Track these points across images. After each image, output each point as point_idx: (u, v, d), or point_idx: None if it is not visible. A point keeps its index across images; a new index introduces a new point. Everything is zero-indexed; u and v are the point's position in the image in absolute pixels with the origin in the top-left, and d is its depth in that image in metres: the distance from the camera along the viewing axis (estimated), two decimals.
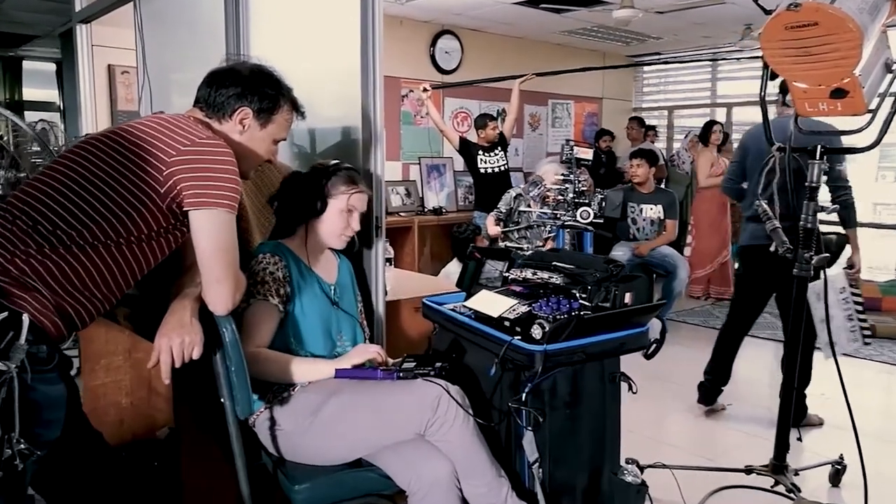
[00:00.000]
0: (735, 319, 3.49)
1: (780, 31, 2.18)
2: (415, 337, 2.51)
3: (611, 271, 1.87)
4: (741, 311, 3.47)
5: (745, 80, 7.50)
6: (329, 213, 1.92)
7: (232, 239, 1.53)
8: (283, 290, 1.87)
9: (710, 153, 6.22)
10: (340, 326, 2.00)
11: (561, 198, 3.91)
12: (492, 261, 2.23)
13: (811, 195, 2.33)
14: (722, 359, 3.51)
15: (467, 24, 6.42)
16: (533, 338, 1.76)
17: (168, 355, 1.49)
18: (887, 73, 2.26)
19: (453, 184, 6.65)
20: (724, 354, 3.50)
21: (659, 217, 5.34)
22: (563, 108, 7.70)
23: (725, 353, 3.50)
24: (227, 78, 1.62)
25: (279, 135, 1.71)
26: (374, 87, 2.19)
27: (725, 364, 3.51)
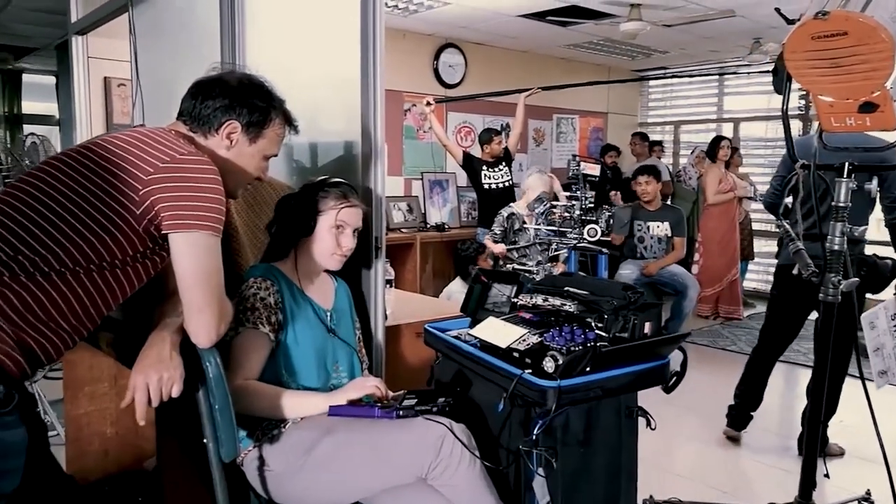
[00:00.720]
0: (767, 341, 3.34)
1: (806, 42, 2.05)
2: (416, 365, 2.36)
3: (629, 298, 1.72)
4: (774, 332, 3.32)
5: (752, 96, 7.39)
6: (319, 232, 1.79)
7: (216, 264, 1.39)
8: (275, 318, 1.73)
9: (718, 169, 6.09)
10: (336, 356, 1.86)
11: (567, 215, 3.79)
12: (499, 284, 2.09)
13: (838, 215, 2.19)
14: (753, 382, 3.37)
15: (471, 37, 6.32)
16: (545, 371, 1.61)
17: (144, 394, 1.35)
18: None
19: (456, 199, 6.53)
20: (755, 378, 3.36)
21: (667, 234, 5.21)
22: (567, 122, 7.59)
23: (756, 377, 3.36)
24: (214, 89, 1.49)
25: (270, 150, 1.58)
26: (375, 100, 2.07)
27: (756, 388, 3.38)
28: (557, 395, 1.55)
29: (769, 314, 3.42)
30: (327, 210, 1.78)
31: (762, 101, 7.27)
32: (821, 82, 2.11)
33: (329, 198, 1.79)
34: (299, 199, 1.82)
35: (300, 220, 1.78)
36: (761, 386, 3.39)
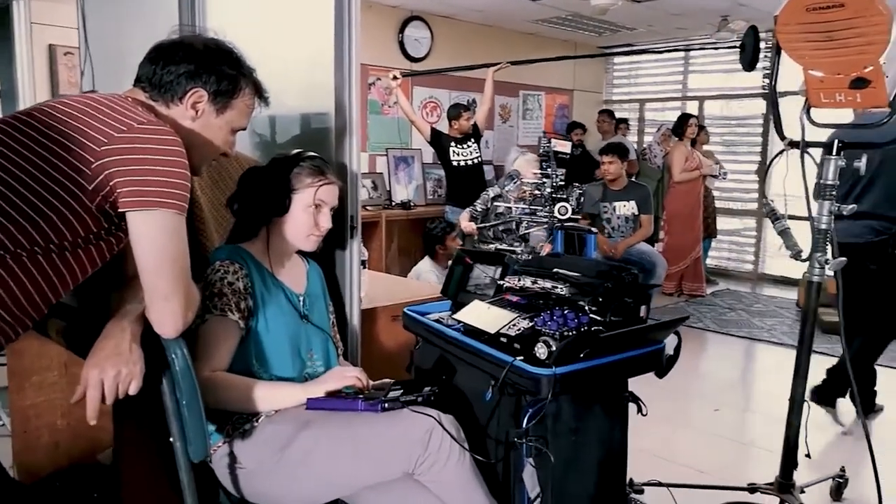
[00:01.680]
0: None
1: (800, 13, 1.98)
2: (393, 350, 2.25)
3: (624, 280, 1.64)
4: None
5: (717, 74, 7.39)
6: (294, 211, 1.65)
7: (182, 246, 1.25)
8: (245, 304, 1.59)
9: (685, 147, 6.08)
10: (311, 343, 1.73)
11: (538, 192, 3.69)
12: (482, 265, 1.98)
13: (826, 194, 2.14)
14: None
15: (438, 9, 6.14)
16: (537, 358, 1.52)
17: (97, 390, 1.21)
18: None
19: (422, 176, 6.39)
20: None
21: (633, 213, 5.17)
22: (534, 99, 7.49)
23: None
24: (177, 53, 1.33)
25: (238, 123, 1.43)
26: (350, 72, 1.93)
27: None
28: (553, 382, 1.46)
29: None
30: (303, 188, 1.65)
31: (726, 79, 7.28)
32: (813, 56, 2.05)
33: (304, 174, 1.66)
34: (269, 174, 1.68)
35: (272, 197, 1.64)
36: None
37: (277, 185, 1.65)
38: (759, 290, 6.72)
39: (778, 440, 3.20)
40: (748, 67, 4.47)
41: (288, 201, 1.63)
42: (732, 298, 6.19)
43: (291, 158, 1.69)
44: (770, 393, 3.85)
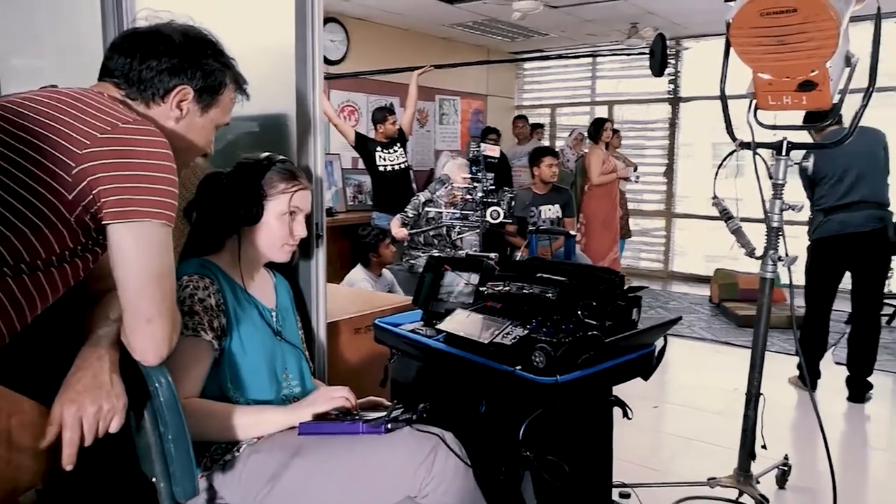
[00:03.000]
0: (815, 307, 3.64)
1: (754, 18, 2.04)
2: (360, 365, 2.14)
3: (614, 283, 1.61)
4: (819, 298, 3.63)
5: (625, 80, 7.66)
6: (268, 219, 1.53)
7: (168, 262, 1.11)
8: (218, 322, 1.45)
9: (601, 150, 6.24)
10: (286, 362, 1.60)
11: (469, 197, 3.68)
12: (457, 272, 1.91)
13: (776, 192, 2.22)
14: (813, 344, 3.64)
15: (354, 11, 6.02)
16: (535, 367, 1.47)
17: (76, 431, 1.05)
18: (846, 66, 2.18)
19: (342, 182, 6.23)
20: (815, 340, 3.65)
21: (558, 216, 5.25)
22: (450, 104, 7.49)
23: (815, 338, 3.65)
24: (157, 45, 1.18)
25: (222, 120, 1.30)
26: (313, 70, 1.82)
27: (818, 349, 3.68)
28: (557, 391, 1.41)
29: (810, 284, 3.66)
30: (276, 194, 1.53)
31: (634, 84, 7.56)
32: (764, 60, 2.11)
33: (276, 179, 1.53)
34: (236, 180, 1.54)
35: (241, 205, 1.50)
36: (822, 346, 3.69)
37: (247, 191, 1.51)
38: (670, 288, 7.01)
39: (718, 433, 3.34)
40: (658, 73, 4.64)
41: (260, 209, 1.50)
42: (649, 297, 6.41)
43: (261, 163, 1.55)
44: (701, 387, 3.99)
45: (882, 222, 3.39)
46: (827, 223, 3.44)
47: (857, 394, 3.65)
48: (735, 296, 5.72)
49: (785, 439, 3.27)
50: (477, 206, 3.55)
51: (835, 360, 4.24)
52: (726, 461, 2.51)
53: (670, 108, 7.27)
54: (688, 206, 7.58)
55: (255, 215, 1.52)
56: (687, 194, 7.54)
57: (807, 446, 3.18)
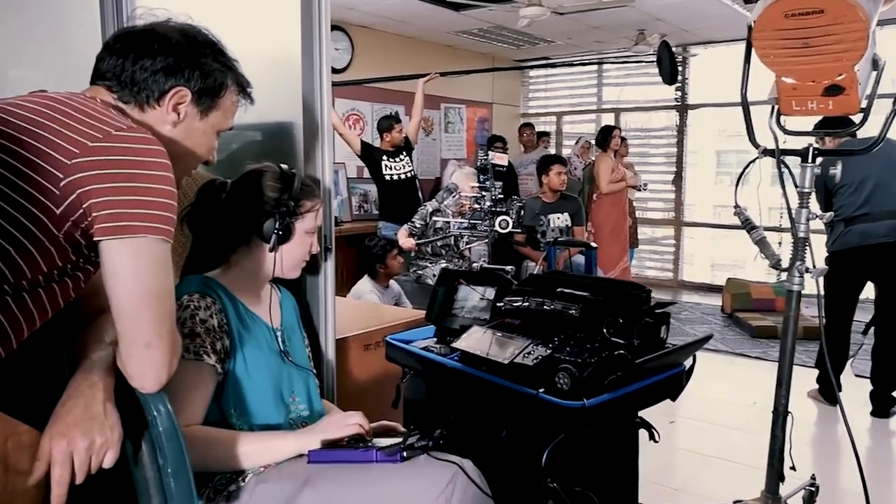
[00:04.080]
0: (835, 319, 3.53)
1: (778, 19, 1.96)
2: (369, 384, 2.05)
3: (640, 298, 1.52)
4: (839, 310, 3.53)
5: (632, 87, 7.58)
6: (296, 238, 1.45)
7: (167, 282, 1.03)
8: (221, 344, 1.36)
9: (610, 159, 6.16)
10: (292, 383, 1.51)
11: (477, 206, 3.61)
12: (472, 286, 1.82)
13: (803, 201, 2.13)
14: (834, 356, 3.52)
15: (359, 19, 5.96)
16: (558, 389, 1.38)
17: (67, 468, 0.96)
18: (873, 70, 2.10)
19: (346, 191, 6.15)
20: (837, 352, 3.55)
21: (567, 225, 5.17)
22: (455, 112, 7.42)
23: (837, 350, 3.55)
24: (151, 43, 1.10)
25: (224, 124, 1.21)
26: (321, 77, 1.75)
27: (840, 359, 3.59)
28: (583, 417, 1.32)
29: (831, 296, 3.54)
30: (305, 212, 1.45)
31: (641, 91, 7.49)
32: (788, 63, 2.03)
33: (304, 196, 1.46)
34: (247, 190, 1.45)
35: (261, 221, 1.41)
36: (843, 358, 3.62)
37: (271, 207, 1.42)
38: (681, 298, 6.90)
39: (737, 450, 3.23)
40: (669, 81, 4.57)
41: (289, 228, 1.42)
42: None
43: (286, 176, 1.46)
44: (718, 401, 3.88)
45: None
46: (848, 234, 3.34)
47: (881, 408, 3.54)
48: (748, 306, 5.62)
49: (806, 456, 3.16)
50: (485, 216, 3.47)
51: (854, 373, 4.13)
52: (747, 480, 2.41)
53: (678, 116, 7.19)
54: (692, 213, 7.50)
55: (289, 235, 1.44)
56: (692, 202, 7.46)
57: (832, 464, 3.08)
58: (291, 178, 1.44)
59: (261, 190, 1.42)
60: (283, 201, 1.41)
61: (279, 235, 1.40)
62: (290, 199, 1.41)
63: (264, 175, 1.45)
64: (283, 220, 1.40)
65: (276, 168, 1.47)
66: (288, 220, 1.41)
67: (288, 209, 1.41)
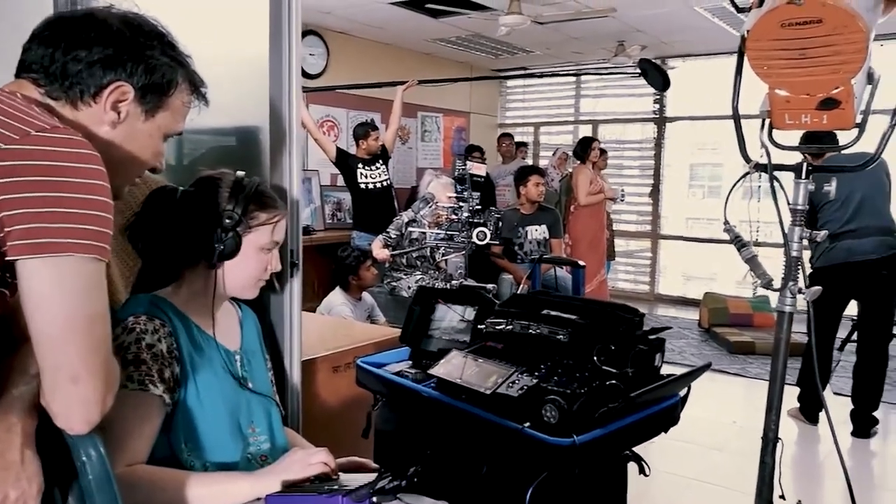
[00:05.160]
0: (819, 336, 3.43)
1: (774, 29, 1.87)
2: (338, 410, 1.90)
3: (633, 323, 1.41)
4: (823, 328, 3.44)
5: (609, 98, 7.55)
6: (245, 254, 1.29)
7: (100, 306, 0.88)
8: (170, 372, 1.22)
9: (588, 170, 6.09)
10: (252, 413, 1.37)
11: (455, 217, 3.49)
12: (450, 305, 1.70)
13: (796, 219, 2.04)
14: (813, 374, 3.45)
15: (335, 25, 5.83)
16: (545, 423, 1.25)
17: None
18: (867, 84, 2.02)
19: (320, 199, 6.00)
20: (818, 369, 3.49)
21: (545, 237, 5.08)
22: (432, 121, 7.31)
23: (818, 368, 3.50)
24: (87, 31, 0.96)
25: (173, 127, 1.07)
26: (290, 78, 1.62)
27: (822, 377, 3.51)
28: (573, 455, 1.20)
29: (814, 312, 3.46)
30: (258, 225, 1.30)
31: (618, 103, 7.46)
32: (783, 75, 1.94)
33: (258, 207, 1.31)
34: (200, 200, 1.30)
35: (210, 234, 1.27)
36: (825, 376, 3.59)
37: (219, 218, 1.28)
38: (657, 311, 6.85)
39: (718, 472, 3.14)
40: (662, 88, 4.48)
41: (237, 242, 1.27)
42: None
43: (239, 184, 1.32)
44: (697, 419, 3.77)
45: (891, 249, 3.25)
46: (833, 250, 3.29)
47: (862, 428, 3.48)
48: (725, 321, 5.57)
49: (788, 477, 3.07)
50: (462, 227, 3.36)
51: (833, 391, 4.08)
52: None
53: (655, 128, 7.16)
54: (666, 226, 7.48)
55: (234, 250, 1.29)
56: (665, 214, 7.45)
57: (815, 487, 3.01)
58: (242, 187, 1.30)
59: (213, 200, 1.28)
60: (228, 212, 1.26)
61: (221, 251, 1.26)
62: (237, 210, 1.27)
63: (218, 183, 1.31)
64: (227, 233, 1.26)
65: (232, 175, 1.33)
66: (232, 233, 1.26)
67: (232, 220, 1.26)
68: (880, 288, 3.34)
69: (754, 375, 4.52)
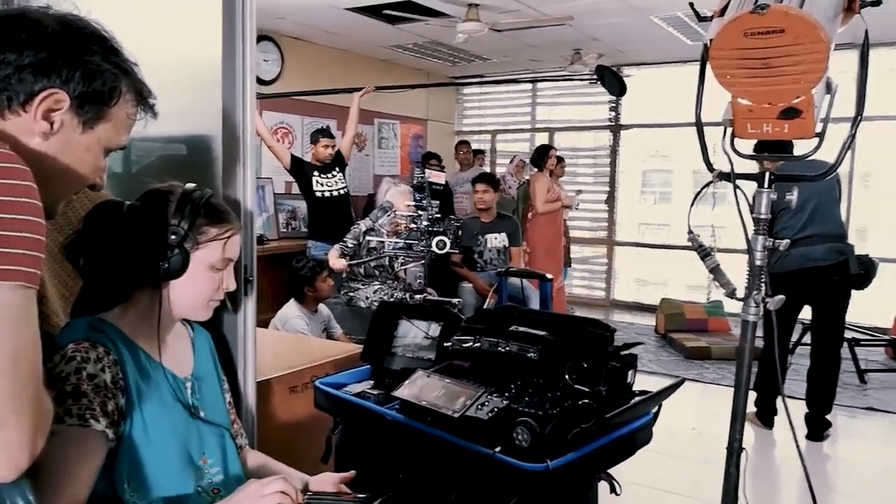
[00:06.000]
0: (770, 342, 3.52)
1: (737, 38, 1.86)
2: (293, 432, 1.81)
3: (605, 339, 1.37)
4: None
5: (565, 106, 7.59)
6: (194, 273, 1.20)
7: (30, 337, 0.79)
8: (114, 404, 1.12)
9: (546, 178, 6.10)
10: (204, 444, 1.28)
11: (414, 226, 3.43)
12: (414, 321, 1.63)
13: (757, 228, 2.03)
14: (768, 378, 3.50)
15: (290, 30, 5.71)
16: (517, 446, 1.20)
17: None
18: (826, 93, 2.04)
19: (273, 207, 5.86)
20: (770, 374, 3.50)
21: (504, 245, 5.05)
22: (389, 128, 7.23)
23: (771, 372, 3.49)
24: (18, 32, 0.86)
25: (115, 141, 0.97)
26: (244, 85, 1.53)
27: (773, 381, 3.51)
28: (547, 481, 1.14)
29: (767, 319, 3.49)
30: (207, 241, 1.21)
31: (574, 111, 7.50)
32: (745, 84, 1.93)
33: (207, 222, 1.22)
34: (146, 215, 1.21)
35: (157, 252, 1.18)
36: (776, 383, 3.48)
37: (165, 234, 1.18)
38: (613, 317, 6.89)
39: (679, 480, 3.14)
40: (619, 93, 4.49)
41: (185, 260, 1.18)
42: None
43: (191, 196, 1.23)
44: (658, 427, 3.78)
45: (843, 255, 3.31)
46: (788, 257, 3.33)
47: (815, 432, 3.54)
48: (681, 326, 5.63)
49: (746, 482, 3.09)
50: (422, 236, 3.30)
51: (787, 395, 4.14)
52: None
53: (611, 136, 7.23)
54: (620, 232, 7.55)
55: (180, 268, 1.19)
56: (619, 221, 7.53)
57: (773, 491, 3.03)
58: (190, 199, 1.21)
59: (161, 214, 1.19)
60: (174, 227, 1.17)
61: (166, 269, 1.16)
62: (183, 225, 1.18)
63: (167, 196, 1.21)
64: (172, 249, 1.17)
65: (182, 188, 1.24)
66: (178, 249, 1.17)
67: (178, 236, 1.17)
68: (833, 293, 3.40)
69: (711, 381, 4.57)
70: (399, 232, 4.19)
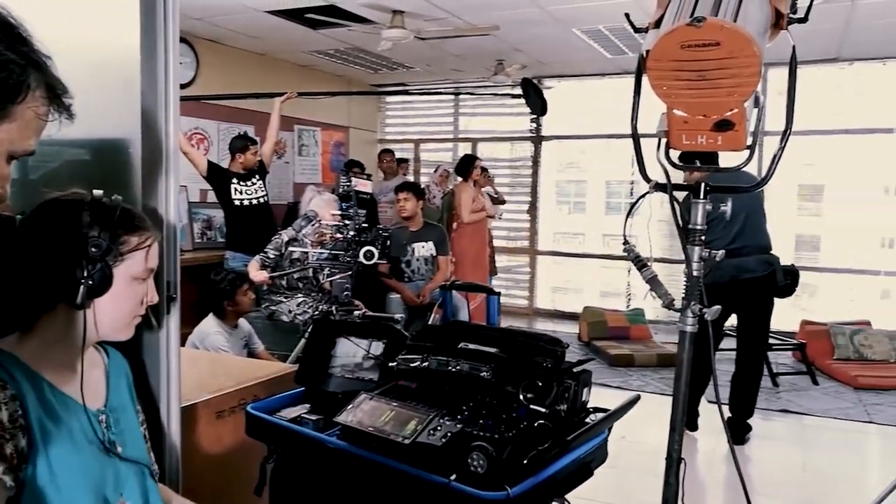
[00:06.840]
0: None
1: (674, 50, 1.87)
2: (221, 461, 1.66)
3: (558, 355, 1.31)
4: None
5: (487, 117, 7.64)
6: (118, 287, 1.07)
7: None
8: (13, 446, 0.97)
9: (470, 188, 6.08)
10: (120, 482, 1.14)
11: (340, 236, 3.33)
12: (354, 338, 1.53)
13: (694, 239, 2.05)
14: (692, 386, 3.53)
15: (206, 32, 5.47)
16: (472, 472, 1.12)
17: None
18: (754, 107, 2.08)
19: (188, 217, 5.58)
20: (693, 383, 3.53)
21: (432, 254, 4.99)
22: (309, 135, 7.05)
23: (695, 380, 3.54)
24: None
25: (20, 144, 0.84)
26: (167, 84, 1.40)
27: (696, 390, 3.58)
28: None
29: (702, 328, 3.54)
30: (130, 253, 1.08)
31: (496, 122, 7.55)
32: (681, 95, 1.94)
33: (127, 231, 1.09)
34: (59, 228, 1.07)
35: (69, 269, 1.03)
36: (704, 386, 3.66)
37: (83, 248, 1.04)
38: (536, 326, 6.95)
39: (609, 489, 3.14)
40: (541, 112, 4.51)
41: (108, 277, 1.04)
42: None
43: (100, 206, 1.09)
44: None
45: (771, 266, 3.43)
46: (720, 268, 3.42)
47: (738, 436, 3.64)
48: (604, 334, 5.72)
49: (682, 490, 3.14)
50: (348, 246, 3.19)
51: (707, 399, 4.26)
52: None
53: (533, 146, 7.31)
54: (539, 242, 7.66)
55: (106, 284, 1.05)
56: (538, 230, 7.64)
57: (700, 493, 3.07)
58: (106, 208, 1.08)
59: (70, 226, 1.04)
60: (94, 240, 1.04)
61: (90, 286, 1.03)
62: (104, 237, 1.05)
63: (73, 206, 1.07)
64: (94, 264, 1.03)
65: (86, 196, 1.10)
66: (101, 264, 1.04)
67: (100, 249, 1.04)
68: (760, 303, 3.51)
69: (636, 388, 4.64)
70: (324, 242, 4.05)
